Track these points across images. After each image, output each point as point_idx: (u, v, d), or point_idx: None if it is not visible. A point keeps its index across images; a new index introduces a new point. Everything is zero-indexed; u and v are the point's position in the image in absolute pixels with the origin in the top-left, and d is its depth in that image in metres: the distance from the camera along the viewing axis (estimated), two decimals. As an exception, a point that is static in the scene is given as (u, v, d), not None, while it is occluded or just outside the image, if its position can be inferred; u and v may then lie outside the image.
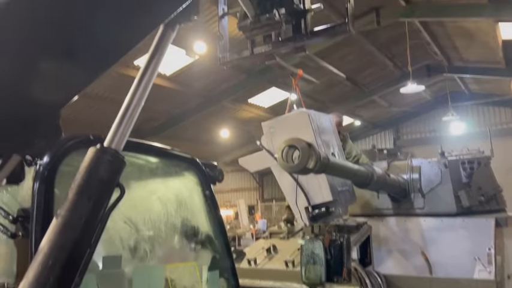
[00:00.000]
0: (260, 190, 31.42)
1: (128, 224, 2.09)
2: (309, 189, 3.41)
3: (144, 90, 1.65)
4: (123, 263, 2.02)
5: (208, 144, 19.60)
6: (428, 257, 4.49)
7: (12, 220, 1.69)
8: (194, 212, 2.58)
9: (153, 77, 1.66)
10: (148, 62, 1.63)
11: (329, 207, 3.13)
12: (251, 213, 24.14)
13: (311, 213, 3.11)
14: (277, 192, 25.92)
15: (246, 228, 15.46)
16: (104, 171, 1.56)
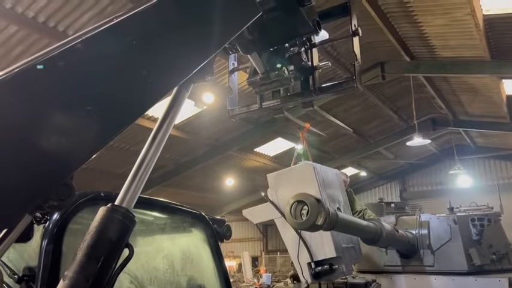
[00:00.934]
0: (264, 241, 30.78)
1: (134, 283, 2.04)
2: (312, 244, 3.34)
3: (157, 147, 1.67)
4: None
5: (213, 193, 19.48)
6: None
7: (17, 280, 1.65)
8: (200, 269, 2.53)
9: (167, 134, 1.68)
10: (163, 119, 1.66)
11: (332, 264, 3.04)
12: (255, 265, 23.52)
13: (313, 269, 3.02)
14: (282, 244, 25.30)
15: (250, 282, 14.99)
16: (113, 231, 1.55)
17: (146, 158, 1.64)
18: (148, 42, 1.45)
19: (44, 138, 1.28)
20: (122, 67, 1.36)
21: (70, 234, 1.67)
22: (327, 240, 3.37)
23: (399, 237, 4.95)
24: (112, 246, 1.53)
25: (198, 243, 2.49)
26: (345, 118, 14.43)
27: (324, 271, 3.14)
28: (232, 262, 23.59)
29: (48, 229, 1.64)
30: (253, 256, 27.01)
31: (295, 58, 2.37)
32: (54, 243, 1.62)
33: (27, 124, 1.24)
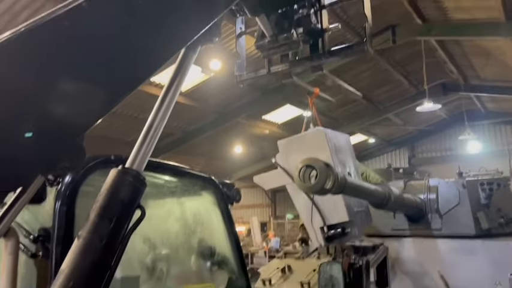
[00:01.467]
0: (273, 207, 31.20)
1: (146, 244, 2.09)
2: (325, 209, 3.37)
3: (166, 111, 1.66)
4: (141, 283, 2.01)
5: (222, 160, 19.63)
6: (447, 279, 4.38)
7: (32, 240, 1.69)
8: (211, 231, 2.57)
9: (175, 97, 1.67)
10: (171, 82, 1.65)
11: (345, 227, 3.08)
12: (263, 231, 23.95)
13: (326, 233, 3.06)
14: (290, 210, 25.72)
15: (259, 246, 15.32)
16: (125, 193, 1.57)
17: (155, 121, 1.64)
18: (154, 3, 1.42)
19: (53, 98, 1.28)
20: (127, 26, 1.34)
21: (82, 196, 1.69)
22: (340, 205, 3.40)
23: (407, 202, 4.97)
24: (124, 207, 1.55)
25: (208, 206, 2.53)
26: (354, 83, 14.24)
27: (336, 235, 3.19)
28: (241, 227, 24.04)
29: (61, 191, 1.67)
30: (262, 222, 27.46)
31: (304, 20, 2.31)
32: (67, 204, 1.65)
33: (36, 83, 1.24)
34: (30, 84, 1.23)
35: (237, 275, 2.59)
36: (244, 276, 2.60)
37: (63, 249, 1.50)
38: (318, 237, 3.16)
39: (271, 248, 14.53)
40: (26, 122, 1.21)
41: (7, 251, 1.54)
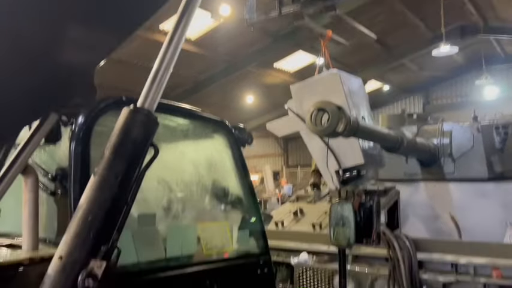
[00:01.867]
0: (285, 156, 31.47)
1: (161, 184, 2.14)
2: (340, 152, 3.38)
3: (174, 50, 1.64)
4: (157, 221, 2.08)
5: (233, 110, 19.62)
6: (458, 221, 4.44)
7: (51, 178, 1.74)
8: (224, 173, 2.61)
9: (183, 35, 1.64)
10: (178, 20, 1.61)
11: (360, 170, 3.10)
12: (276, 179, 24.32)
13: (342, 176, 3.09)
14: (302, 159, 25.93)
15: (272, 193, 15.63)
16: (137, 132, 1.58)
17: (165, 60, 1.62)
18: None
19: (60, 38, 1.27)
20: None
21: (96, 136, 1.72)
22: (356, 148, 3.40)
23: (420, 146, 4.95)
24: (137, 146, 1.57)
25: (220, 148, 2.55)
26: (370, 27, 13.79)
27: (352, 177, 3.21)
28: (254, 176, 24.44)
29: (75, 131, 1.70)
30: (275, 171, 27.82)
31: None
32: (82, 144, 1.68)
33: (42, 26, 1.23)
34: (36, 25, 1.22)
35: (250, 215, 2.66)
36: (258, 217, 2.67)
37: (80, 187, 1.55)
38: (333, 181, 3.19)
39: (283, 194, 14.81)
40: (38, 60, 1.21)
41: (27, 188, 1.59)
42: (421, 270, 3.62)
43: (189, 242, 2.21)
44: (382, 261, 3.82)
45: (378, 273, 3.71)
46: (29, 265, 1.46)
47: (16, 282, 1.41)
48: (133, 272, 1.81)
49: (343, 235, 2.62)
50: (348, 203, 2.59)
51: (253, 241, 2.64)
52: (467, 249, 3.53)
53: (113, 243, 1.46)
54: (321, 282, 3.90)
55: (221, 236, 2.44)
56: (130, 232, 1.88)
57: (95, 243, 1.41)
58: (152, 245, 2.01)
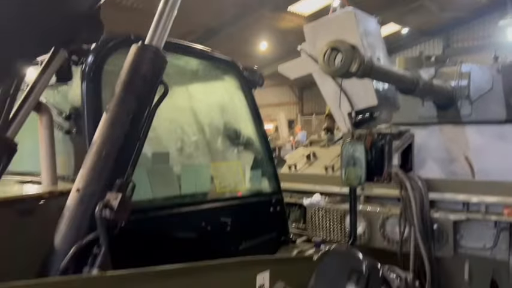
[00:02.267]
0: (300, 104, 31.27)
1: (173, 124, 2.16)
2: (353, 94, 3.33)
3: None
4: (170, 160, 2.13)
5: (246, 57, 19.30)
6: (472, 163, 4.43)
7: (65, 117, 1.78)
8: (235, 115, 2.62)
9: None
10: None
11: (373, 112, 3.07)
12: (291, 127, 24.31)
13: (354, 118, 3.06)
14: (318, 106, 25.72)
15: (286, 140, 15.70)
16: (146, 68, 1.59)
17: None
18: None
19: None
20: None
21: (107, 74, 1.73)
22: (369, 89, 3.35)
23: (437, 88, 4.84)
24: (146, 82, 1.58)
25: (231, 90, 2.54)
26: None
27: (365, 120, 3.18)
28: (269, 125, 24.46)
29: (85, 70, 1.71)
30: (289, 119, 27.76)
31: None
32: (93, 83, 1.70)
33: None
34: None
35: (262, 156, 2.70)
36: (270, 158, 2.70)
37: (93, 125, 1.58)
38: (346, 123, 3.17)
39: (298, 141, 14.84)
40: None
41: (42, 126, 1.64)
42: (433, 209, 3.67)
43: (203, 180, 2.27)
44: (394, 201, 3.87)
45: (390, 212, 3.78)
46: (49, 198, 1.53)
47: (37, 215, 1.48)
48: (149, 207, 1.88)
49: (355, 174, 2.64)
50: (360, 142, 2.59)
51: (265, 181, 2.69)
52: (480, 189, 3.55)
53: (128, 177, 1.52)
54: (332, 222, 4.00)
55: (234, 175, 2.49)
56: (145, 169, 1.93)
57: (109, 177, 1.46)
58: (166, 182, 2.07)
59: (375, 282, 2.27)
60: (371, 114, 3.17)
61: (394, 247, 3.70)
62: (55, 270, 1.32)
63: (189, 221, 2.07)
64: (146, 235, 1.82)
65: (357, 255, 2.41)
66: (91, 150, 1.48)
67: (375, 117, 3.17)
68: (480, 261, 3.49)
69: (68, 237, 1.37)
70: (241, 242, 2.30)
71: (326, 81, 3.57)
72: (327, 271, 2.26)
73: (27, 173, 1.95)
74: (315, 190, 4.23)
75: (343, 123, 3.21)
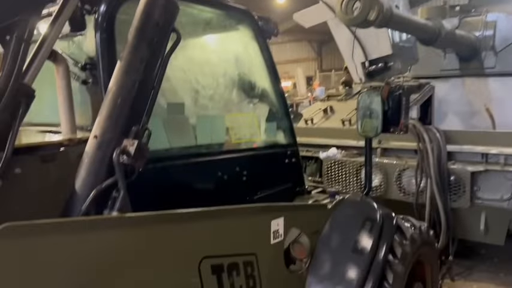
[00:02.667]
0: (319, 60, 30.68)
1: (188, 75, 2.17)
2: (367, 43, 3.26)
3: None
4: (186, 111, 2.15)
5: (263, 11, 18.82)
6: (494, 116, 4.33)
7: (81, 68, 1.80)
8: (250, 66, 2.60)
9: None
10: None
11: (387, 61, 3.00)
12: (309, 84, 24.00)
13: (367, 68, 3.01)
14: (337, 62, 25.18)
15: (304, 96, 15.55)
16: (158, 15, 1.58)
17: None
18: None
19: None
20: None
21: (119, 23, 1.72)
22: (383, 38, 3.27)
23: (459, 38, 4.67)
24: (159, 30, 1.58)
25: (246, 40, 2.51)
26: None
27: (378, 69, 3.12)
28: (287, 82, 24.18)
29: (98, 20, 1.71)
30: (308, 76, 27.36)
31: None
32: (106, 32, 1.70)
33: None
34: None
35: (277, 109, 2.69)
36: (285, 110, 2.70)
37: (108, 75, 1.60)
38: (358, 72, 3.12)
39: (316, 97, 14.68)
40: None
41: (59, 76, 1.67)
42: (451, 161, 3.65)
43: (218, 131, 2.30)
44: (411, 153, 3.86)
45: (406, 164, 3.78)
46: (69, 145, 1.58)
47: (58, 161, 1.54)
48: (165, 157, 1.92)
49: (371, 125, 2.63)
50: (377, 93, 2.55)
51: (281, 133, 2.70)
52: (499, 140, 3.50)
53: (143, 125, 1.55)
54: (348, 174, 4.03)
55: (249, 126, 2.51)
56: (161, 119, 1.96)
57: (126, 124, 1.49)
58: (182, 132, 2.10)
59: (388, 230, 2.31)
60: (385, 64, 3.10)
61: (410, 199, 3.73)
62: (77, 212, 1.39)
63: (205, 171, 2.12)
64: (163, 184, 1.88)
65: (371, 204, 2.45)
66: (107, 98, 1.51)
67: (388, 67, 3.10)
68: (497, 212, 3.50)
69: (88, 181, 1.43)
70: (256, 192, 2.35)
71: (341, 30, 3.49)
72: (341, 219, 2.31)
73: (48, 124, 2.00)
74: (331, 144, 4.23)
75: (356, 73, 3.15)
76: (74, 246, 1.20)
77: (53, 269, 1.16)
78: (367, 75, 3.12)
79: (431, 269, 2.78)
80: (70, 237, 1.19)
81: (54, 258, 1.16)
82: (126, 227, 1.36)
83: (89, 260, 1.23)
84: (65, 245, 1.18)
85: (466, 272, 4.10)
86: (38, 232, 1.12)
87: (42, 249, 1.13)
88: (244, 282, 1.75)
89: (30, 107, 1.36)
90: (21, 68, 1.29)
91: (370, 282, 2.11)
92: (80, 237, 1.21)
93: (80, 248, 1.21)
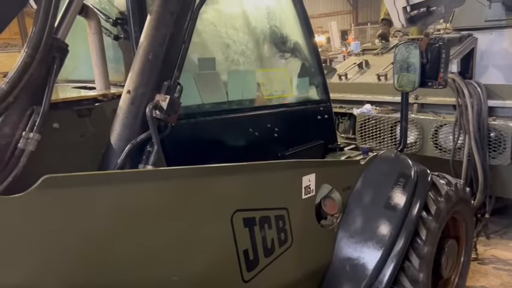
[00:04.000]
0: (354, 13, 29.48)
1: (218, 29, 2.13)
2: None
3: None
4: (217, 66, 2.13)
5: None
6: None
7: (112, 23, 1.80)
8: (282, 19, 2.52)
9: None
10: None
11: (430, 5, 2.80)
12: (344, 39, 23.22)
13: (409, 13, 2.83)
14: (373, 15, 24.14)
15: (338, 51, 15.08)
16: (188, -31, 1.54)
17: None
18: None
19: None
20: None
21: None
22: None
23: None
24: (188, -19, 1.54)
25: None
26: None
27: (420, 14, 2.92)
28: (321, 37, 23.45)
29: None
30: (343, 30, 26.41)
31: None
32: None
33: None
34: None
35: (310, 64, 2.63)
36: (318, 66, 2.63)
37: (139, 29, 1.59)
38: (400, 18, 2.94)
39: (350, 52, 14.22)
40: None
41: (91, 31, 1.67)
42: (491, 117, 3.50)
43: (249, 87, 2.28)
44: (449, 109, 3.72)
45: (444, 120, 3.65)
46: (103, 100, 1.60)
47: (93, 115, 1.57)
48: (197, 112, 1.93)
49: (408, 79, 2.53)
50: (415, 45, 2.43)
51: (313, 89, 2.65)
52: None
53: (175, 80, 1.55)
54: (383, 131, 3.95)
55: (281, 82, 2.47)
56: (192, 75, 1.95)
57: (157, 79, 1.50)
58: (213, 88, 2.09)
59: (422, 186, 2.27)
60: (427, 9, 2.90)
61: (447, 156, 3.63)
62: (113, 165, 1.43)
63: (237, 127, 2.12)
64: (196, 140, 1.90)
65: (405, 160, 2.40)
66: (138, 53, 1.51)
67: (431, 11, 2.89)
68: (539, 170, 3.37)
69: (123, 136, 1.45)
70: (288, 148, 2.34)
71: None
72: (374, 175, 2.28)
73: (82, 80, 2.04)
74: (366, 100, 4.13)
75: (397, 19, 2.97)
76: (110, 199, 1.24)
77: (90, 220, 1.21)
78: (408, 20, 2.92)
79: (466, 227, 2.74)
80: (106, 190, 1.23)
81: (91, 209, 1.21)
82: (160, 180, 1.39)
83: (125, 212, 1.28)
84: (101, 197, 1.22)
85: (502, 231, 4.03)
86: (76, 184, 1.17)
87: (79, 201, 1.18)
88: (275, 236, 1.78)
89: (64, 62, 1.38)
90: (54, 23, 1.30)
91: (403, 237, 2.10)
92: (116, 190, 1.25)
93: (116, 200, 1.25)
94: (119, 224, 1.27)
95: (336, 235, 2.14)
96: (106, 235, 1.24)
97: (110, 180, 1.26)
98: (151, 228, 1.35)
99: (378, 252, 2.07)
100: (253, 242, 1.67)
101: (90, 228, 1.21)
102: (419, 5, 2.79)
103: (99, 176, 1.29)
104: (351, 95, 4.26)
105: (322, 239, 2.09)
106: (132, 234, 1.30)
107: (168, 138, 1.58)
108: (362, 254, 2.09)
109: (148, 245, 1.34)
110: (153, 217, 1.35)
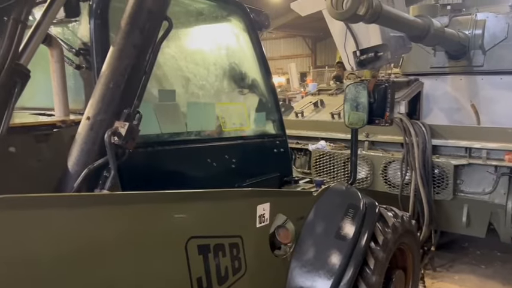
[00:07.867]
0: (313, 57, 30.77)
1: (179, 63, 2.22)
2: (359, 33, 3.32)
3: None
4: (176, 98, 2.20)
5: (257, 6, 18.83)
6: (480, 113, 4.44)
7: (75, 53, 1.85)
8: (241, 57, 2.66)
9: None
10: None
11: (378, 51, 3.06)
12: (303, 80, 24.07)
13: (358, 57, 3.07)
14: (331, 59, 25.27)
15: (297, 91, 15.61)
16: (151, 3, 1.63)
17: None
18: None
19: None
20: None
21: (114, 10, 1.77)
22: (374, 29, 3.33)
23: (449, 35, 4.76)
24: (151, 17, 1.63)
25: (237, 32, 2.56)
26: None
27: (368, 59, 3.18)
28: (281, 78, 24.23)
29: (93, 7, 1.75)
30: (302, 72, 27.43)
31: None
32: (100, 18, 1.74)
33: None
34: None
35: (267, 100, 2.76)
36: (275, 102, 2.76)
37: (102, 60, 1.65)
38: (350, 61, 3.18)
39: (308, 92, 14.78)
40: None
41: (54, 59, 1.72)
42: (435, 155, 3.75)
43: (208, 119, 2.35)
44: (397, 147, 3.96)
45: (392, 157, 3.87)
46: (62, 126, 1.63)
47: (51, 141, 1.59)
48: (155, 141, 1.98)
49: (357, 117, 2.70)
50: (363, 85, 2.63)
51: (270, 123, 2.77)
52: (482, 135, 3.60)
53: (135, 108, 1.60)
54: (336, 166, 4.12)
55: (238, 115, 2.57)
56: (152, 106, 2.02)
57: (117, 106, 1.55)
58: (173, 119, 2.16)
59: (371, 217, 2.39)
60: (375, 53, 3.17)
61: (395, 191, 3.82)
62: (69, 189, 1.45)
63: (195, 157, 2.18)
64: (153, 168, 1.93)
65: (355, 192, 2.53)
66: (99, 81, 1.56)
67: (379, 56, 3.16)
68: (478, 205, 3.61)
69: (80, 160, 1.48)
70: (245, 179, 2.41)
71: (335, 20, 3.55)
72: (325, 206, 2.39)
73: (41, 108, 2.05)
74: (321, 136, 4.31)
75: (347, 62, 3.22)
76: (64, 221, 1.25)
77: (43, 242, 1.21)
78: (358, 64, 3.18)
79: (413, 258, 2.87)
80: (61, 212, 1.24)
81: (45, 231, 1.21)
82: (115, 205, 1.41)
83: (78, 235, 1.28)
84: (56, 219, 1.23)
85: (448, 264, 4.22)
86: (32, 205, 1.17)
87: (34, 222, 1.18)
88: (229, 264, 1.81)
89: (25, 87, 1.41)
90: (18, 48, 1.34)
91: (352, 267, 2.18)
92: (70, 213, 1.26)
93: (70, 223, 1.26)
94: (70, 248, 1.27)
95: (289, 264, 2.19)
96: (57, 258, 1.24)
97: (65, 203, 1.27)
98: (103, 253, 1.35)
99: (328, 281, 2.14)
100: (207, 269, 1.70)
101: (41, 250, 1.21)
102: (367, 50, 3.04)
103: (54, 198, 1.31)
104: (307, 132, 4.44)
105: (276, 268, 2.14)
106: (83, 259, 1.30)
107: (125, 165, 1.61)
108: (314, 283, 2.15)
109: (100, 270, 1.34)
110: (105, 242, 1.36)
